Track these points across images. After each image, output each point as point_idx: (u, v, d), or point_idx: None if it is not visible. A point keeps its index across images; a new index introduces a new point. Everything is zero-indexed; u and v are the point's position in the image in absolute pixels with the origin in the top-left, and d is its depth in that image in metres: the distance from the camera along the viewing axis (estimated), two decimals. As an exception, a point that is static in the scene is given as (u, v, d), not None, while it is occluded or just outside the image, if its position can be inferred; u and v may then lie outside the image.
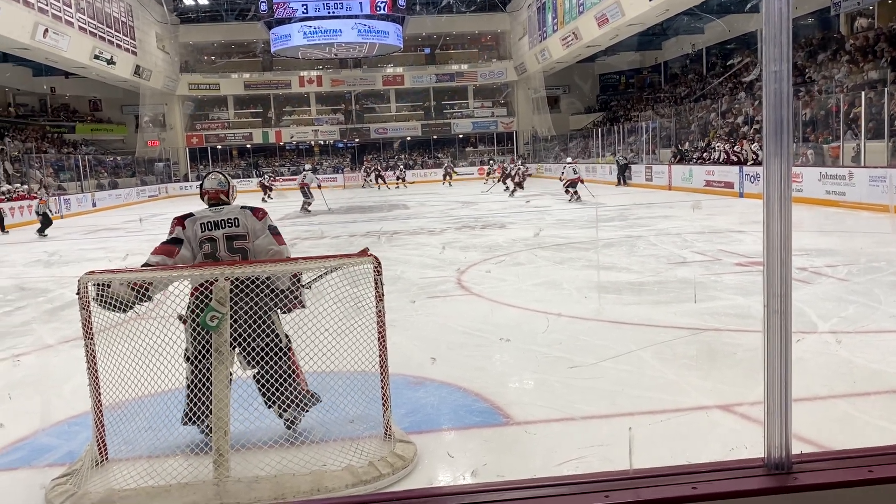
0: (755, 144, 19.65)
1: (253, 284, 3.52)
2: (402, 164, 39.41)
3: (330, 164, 43.13)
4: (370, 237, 13.62)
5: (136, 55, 34.19)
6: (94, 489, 3.19)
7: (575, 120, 41.80)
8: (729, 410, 3.89)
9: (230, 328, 3.34)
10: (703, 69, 34.17)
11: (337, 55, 39.60)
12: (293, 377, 3.71)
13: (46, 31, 25.14)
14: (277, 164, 43.33)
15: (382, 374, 3.56)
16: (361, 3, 35.45)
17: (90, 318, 3.40)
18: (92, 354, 3.44)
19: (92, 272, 3.48)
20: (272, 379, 3.65)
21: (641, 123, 29.98)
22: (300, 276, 3.71)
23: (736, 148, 20.73)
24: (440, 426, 3.98)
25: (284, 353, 3.68)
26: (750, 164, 19.07)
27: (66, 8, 26.92)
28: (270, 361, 3.64)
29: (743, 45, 30.29)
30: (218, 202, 3.87)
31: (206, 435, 3.57)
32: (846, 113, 17.19)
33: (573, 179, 19.92)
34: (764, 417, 1.45)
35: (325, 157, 44.42)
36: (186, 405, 3.67)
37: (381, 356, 3.55)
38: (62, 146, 35.48)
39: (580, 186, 20.08)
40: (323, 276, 3.69)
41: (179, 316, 3.61)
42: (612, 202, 19.15)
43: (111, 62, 31.04)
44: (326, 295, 3.62)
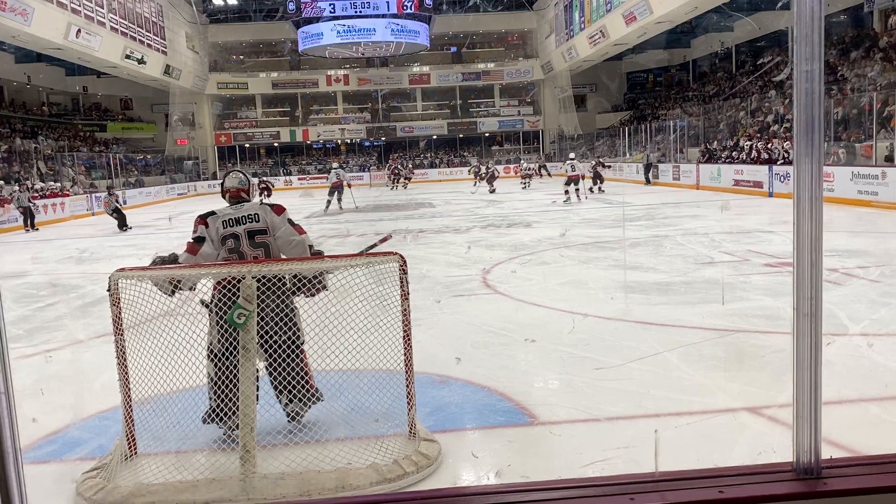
0: (787, 143, 19.37)
1: (276, 278, 3.58)
2: (409, 162, 39.14)
3: (356, 162, 43.32)
4: (396, 235, 13.65)
5: (166, 55, 34.62)
6: (123, 483, 3.24)
7: (602, 118, 41.54)
8: (757, 413, 3.84)
9: (262, 315, 3.45)
10: (732, 67, 33.75)
11: (364, 54, 39.79)
12: (304, 372, 3.79)
13: (79, 31, 25.57)
14: (304, 162, 43.63)
15: (407, 372, 3.57)
16: (388, 2, 35.59)
17: (120, 314, 3.46)
18: (122, 350, 3.49)
19: (122, 269, 3.54)
20: (284, 371, 3.71)
21: (669, 122, 29.71)
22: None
23: (769, 145, 20.42)
24: (464, 425, 3.98)
25: (300, 347, 3.75)
26: (780, 163, 18.80)
27: (98, 9, 27.35)
28: (286, 354, 3.70)
29: (773, 42, 29.88)
30: (239, 200, 3.99)
31: (230, 430, 3.61)
32: (879, 111, 16.87)
33: (573, 176, 19.67)
34: (793, 421, 1.43)
35: (351, 155, 44.62)
36: (211, 403, 3.71)
37: (405, 354, 3.55)
38: (94, 145, 36.08)
39: (581, 184, 19.95)
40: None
41: (202, 301, 3.68)
42: (638, 201, 18.99)
43: (142, 62, 31.48)
44: (352, 293, 3.64)
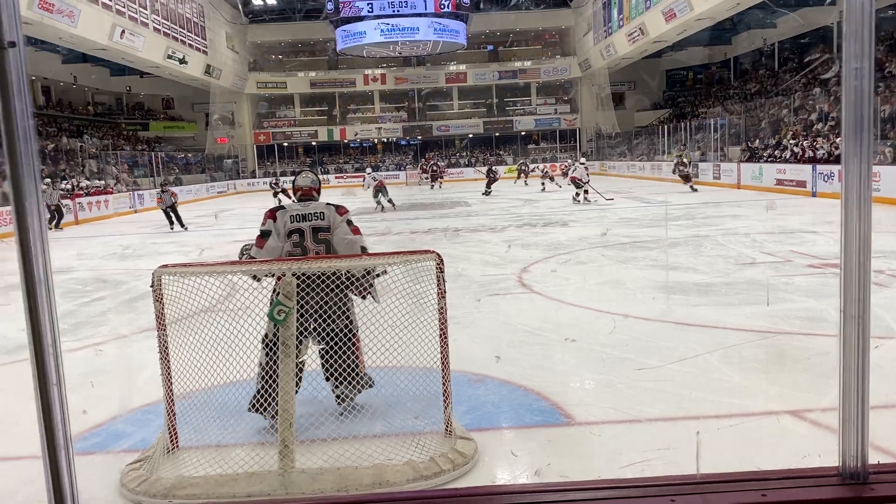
0: (833, 142, 18.94)
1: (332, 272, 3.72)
2: (442, 161, 38.84)
3: (392, 161, 43.53)
4: (432, 234, 13.69)
5: (206, 55, 35.19)
6: (165, 475, 3.31)
7: (640, 117, 41.09)
8: (799, 417, 3.77)
9: (313, 306, 3.64)
10: (774, 64, 33.10)
11: (401, 53, 39.96)
12: (355, 357, 3.93)
13: (123, 32, 26.14)
14: (342, 161, 43.99)
15: (444, 370, 3.58)
16: (426, 1, 35.73)
17: (163, 310, 3.53)
18: (164, 345, 3.56)
19: (165, 266, 3.62)
20: (336, 355, 3.85)
21: (710, 120, 29.25)
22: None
23: (815, 143, 19.97)
24: (501, 424, 3.98)
25: (354, 333, 3.90)
26: (825, 161, 18.38)
27: (141, 10, 27.92)
28: (339, 339, 3.84)
29: (818, 39, 29.22)
30: (309, 198, 4.24)
31: (273, 419, 3.70)
32: (929, 109, 16.38)
33: (575, 178, 19.28)
34: (839, 425, 1.40)
35: (387, 154, 44.86)
36: (258, 389, 3.81)
37: (442, 352, 3.57)
38: (137, 143, 36.85)
39: (589, 188, 19.41)
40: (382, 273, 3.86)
41: (255, 276, 3.81)
42: (678, 201, 18.75)
43: (183, 62, 32.04)
44: (389, 291, 3.67)
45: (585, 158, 23.98)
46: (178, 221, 17.14)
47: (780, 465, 3.14)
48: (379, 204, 20.21)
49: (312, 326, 3.85)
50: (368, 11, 35.70)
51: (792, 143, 21.26)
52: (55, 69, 33.31)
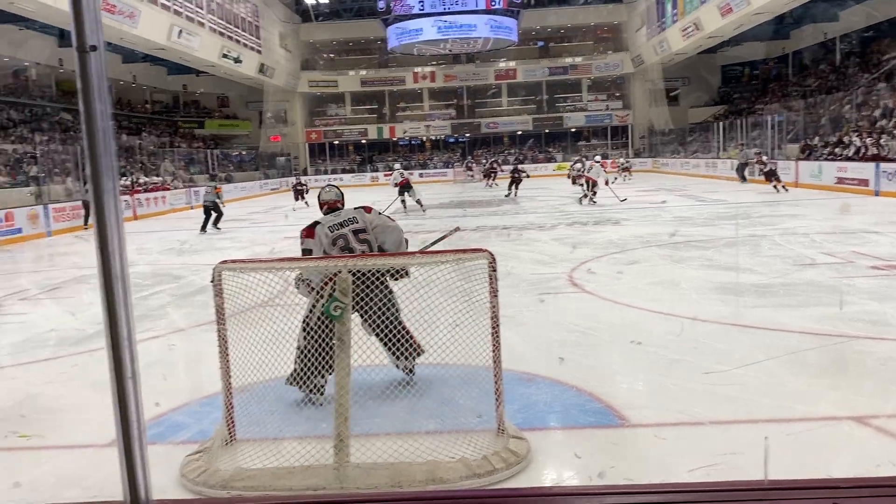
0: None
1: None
2: (512, 157, 38.57)
3: (440, 159, 43.64)
4: (480, 231, 13.68)
5: (260, 53, 35.79)
6: (223, 467, 3.38)
7: (694, 113, 40.29)
8: (863, 423, 3.66)
9: (359, 294, 3.88)
10: (836, 59, 32.06)
11: (452, 51, 40.02)
12: (407, 333, 4.16)
13: (181, 31, 26.78)
14: (390, 159, 44.28)
15: (496, 369, 3.58)
16: (477, -2, 35.85)
17: (223, 304, 3.61)
18: (223, 339, 3.64)
19: (225, 261, 3.70)
20: (393, 338, 4.07)
21: (766, 117, 28.51)
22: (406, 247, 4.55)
23: (882, 141, 19.29)
24: (552, 424, 3.96)
25: (398, 309, 4.09)
26: (889, 160, 17.76)
27: (198, 10, 28.56)
28: (392, 325, 4.05)
29: (883, 33, 28.18)
30: (335, 209, 4.65)
31: (309, 394, 4.11)
32: None
33: (590, 178, 18.40)
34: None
35: (435, 152, 44.98)
36: (296, 367, 4.09)
37: (494, 351, 3.56)
38: (193, 141, 37.73)
39: (603, 188, 18.62)
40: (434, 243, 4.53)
41: (300, 280, 4.11)
42: (733, 199, 18.34)
43: (238, 60, 32.66)
44: (439, 289, 3.68)
45: (601, 157, 23.23)
46: (213, 223, 16.16)
47: (844, 472, 3.05)
48: (404, 203, 19.17)
49: (362, 307, 4.10)
50: (420, 9, 35.86)
51: (856, 139, 20.57)
52: (116, 69, 34.27)
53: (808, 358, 4.81)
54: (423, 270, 3.84)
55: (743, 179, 24.69)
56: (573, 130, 43.88)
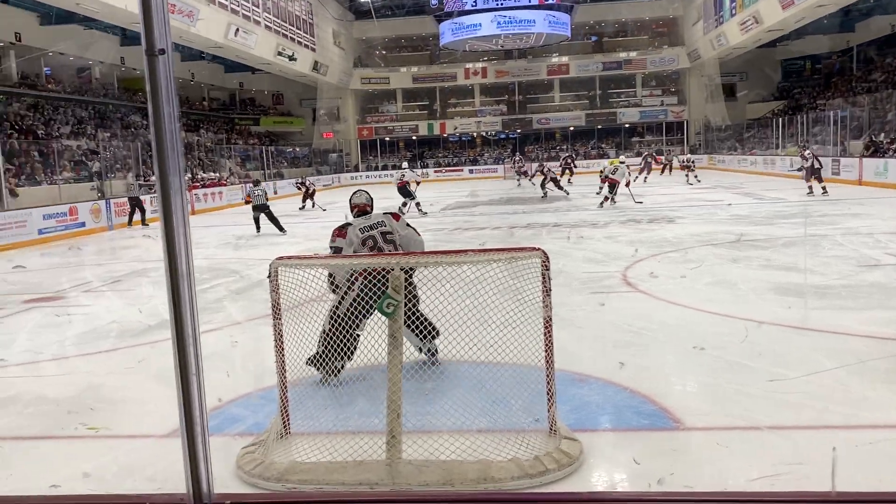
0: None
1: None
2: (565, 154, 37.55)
3: (491, 155, 43.53)
4: (531, 229, 13.60)
5: (314, 51, 36.25)
6: (278, 460, 3.44)
7: (752, 108, 39.27)
8: (934, 433, 3.51)
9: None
10: (904, 52, 30.85)
11: (504, 46, 39.87)
12: (426, 319, 4.33)
13: (238, 30, 27.31)
14: (440, 155, 44.37)
15: (548, 368, 3.55)
16: (531, -7, 35.73)
17: (279, 299, 3.67)
18: (279, 334, 3.70)
19: (281, 258, 3.76)
20: (416, 321, 4.27)
21: (829, 112, 27.61)
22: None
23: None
24: (605, 426, 3.92)
25: (419, 298, 4.24)
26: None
27: (254, 8, 29.08)
28: (414, 307, 4.26)
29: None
30: (365, 212, 5.06)
31: (326, 377, 4.34)
32: None
33: (613, 179, 17.26)
34: None
35: (486, 148, 44.89)
36: (318, 350, 4.27)
37: (546, 350, 3.54)
38: (248, 137, 38.48)
39: (623, 189, 17.73)
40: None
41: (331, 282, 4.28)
42: (792, 197, 17.82)
43: (292, 58, 33.14)
44: (490, 287, 3.67)
45: (626, 157, 22.43)
46: (274, 223, 15.10)
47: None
48: (405, 205, 17.82)
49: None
50: (473, 5, 35.86)
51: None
52: (175, 67, 34.96)
53: (875, 363, 4.64)
54: (474, 269, 3.83)
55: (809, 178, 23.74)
56: (627, 126, 43.26)
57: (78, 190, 20.28)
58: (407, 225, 4.95)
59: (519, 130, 44.06)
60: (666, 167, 30.97)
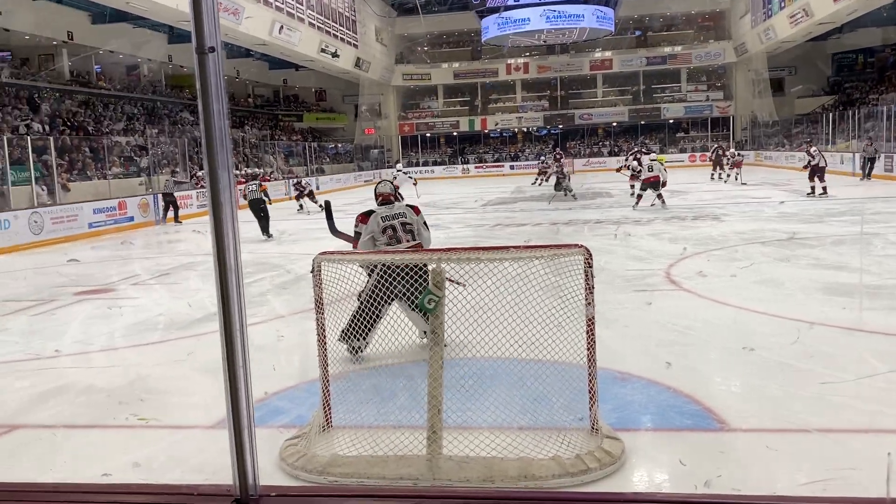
0: None
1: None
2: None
3: (532, 150, 43.29)
4: (572, 225, 13.49)
5: (357, 48, 36.48)
6: (320, 452, 3.47)
7: (801, 104, 38.28)
8: None
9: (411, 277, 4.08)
10: (963, 44, 29.77)
11: (546, 41, 39.59)
12: None
13: (282, 27, 27.64)
14: (481, 151, 44.29)
15: (590, 367, 3.52)
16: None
17: (322, 294, 3.70)
18: (322, 328, 3.74)
19: (324, 253, 3.79)
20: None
21: (882, 107, 26.77)
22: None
23: None
24: (648, 425, 3.87)
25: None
26: None
27: (298, 5, 29.39)
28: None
29: None
30: (388, 202, 5.32)
31: (353, 352, 4.63)
32: None
33: (651, 178, 15.48)
34: None
35: (527, 143, 44.67)
36: (349, 326, 4.45)
37: (588, 348, 3.50)
38: (292, 134, 38.94)
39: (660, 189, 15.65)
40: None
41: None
42: (843, 195, 17.34)
43: (335, 55, 33.40)
44: (532, 284, 3.64)
45: (655, 154, 21.26)
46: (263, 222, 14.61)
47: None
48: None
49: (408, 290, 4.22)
50: (514, 0, 35.77)
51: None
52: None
53: (928, 366, 4.50)
54: (515, 265, 3.80)
55: (865, 176, 22.98)
56: (671, 122, 42.60)
57: (127, 185, 20.77)
58: (424, 223, 5.33)
59: (561, 126, 43.72)
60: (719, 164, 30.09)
